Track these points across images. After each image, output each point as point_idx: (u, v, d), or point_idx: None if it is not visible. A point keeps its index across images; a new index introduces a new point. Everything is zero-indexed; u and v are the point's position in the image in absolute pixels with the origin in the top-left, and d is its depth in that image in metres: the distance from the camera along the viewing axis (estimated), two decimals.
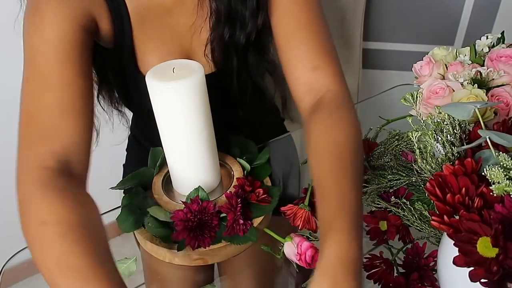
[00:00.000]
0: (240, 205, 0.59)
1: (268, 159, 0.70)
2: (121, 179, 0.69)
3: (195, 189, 0.61)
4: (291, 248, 0.56)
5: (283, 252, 0.58)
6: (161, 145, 0.62)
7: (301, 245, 0.55)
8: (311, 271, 0.58)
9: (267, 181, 0.68)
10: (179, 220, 0.57)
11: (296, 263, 0.56)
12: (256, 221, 0.62)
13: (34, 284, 1.15)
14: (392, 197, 0.58)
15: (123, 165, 0.97)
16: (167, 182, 0.67)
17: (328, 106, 0.58)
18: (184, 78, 0.53)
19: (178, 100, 0.55)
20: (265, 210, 0.63)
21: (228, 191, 0.62)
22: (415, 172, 0.58)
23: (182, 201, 0.61)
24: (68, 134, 0.53)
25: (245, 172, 0.68)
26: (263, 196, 0.63)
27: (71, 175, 0.52)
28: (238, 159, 0.69)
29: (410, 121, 0.59)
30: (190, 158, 0.61)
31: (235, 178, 0.66)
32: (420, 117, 0.58)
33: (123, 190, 0.69)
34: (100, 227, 0.49)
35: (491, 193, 0.40)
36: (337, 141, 0.53)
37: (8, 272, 0.68)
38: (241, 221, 0.58)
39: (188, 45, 0.70)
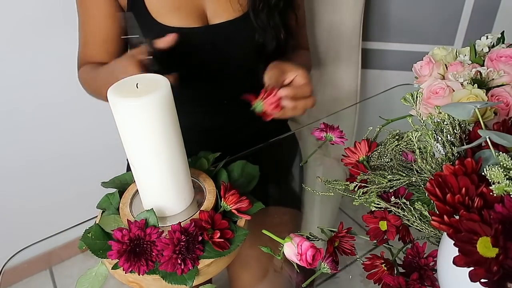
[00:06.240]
0: (183, 242, 0.53)
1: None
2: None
3: (147, 211, 0.57)
4: (291, 249, 0.56)
5: (283, 252, 0.58)
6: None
7: (301, 245, 0.55)
8: (311, 271, 0.58)
9: (241, 222, 0.62)
10: (115, 240, 0.54)
11: (296, 263, 0.56)
12: (203, 262, 0.55)
13: (34, 284, 1.15)
14: (392, 197, 0.58)
15: (127, 159, 0.97)
16: None
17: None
18: (149, 93, 0.50)
19: (142, 117, 0.51)
20: (219, 254, 0.56)
21: (177, 224, 0.55)
22: (415, 172, 0.58)
23: (128, 220, 0.57)
24: (105, 56, 0.89)
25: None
26: (218, 240, 0.56)
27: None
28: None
29: (410, 121, 0.59)
30: (153, 177, 0.57)
31: (198, 210, 0.59)
32: (420, 117, 0.58)
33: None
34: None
35: (491, 193, 0.40)
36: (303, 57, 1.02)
37: (8, 272, 0.68)
38: (179, 261, 0.53)
39: None
